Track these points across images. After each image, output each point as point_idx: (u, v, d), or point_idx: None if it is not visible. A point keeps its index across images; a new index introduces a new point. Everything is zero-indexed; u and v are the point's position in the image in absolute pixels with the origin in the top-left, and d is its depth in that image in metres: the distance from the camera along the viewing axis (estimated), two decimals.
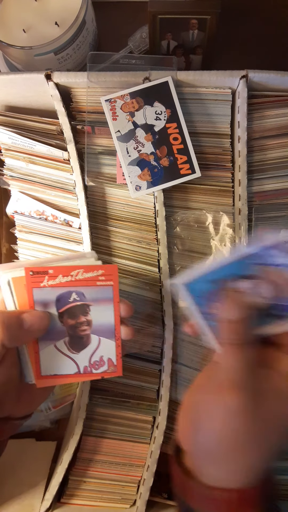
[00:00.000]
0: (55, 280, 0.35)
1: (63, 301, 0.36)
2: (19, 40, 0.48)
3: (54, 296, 0.35)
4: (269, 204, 0.47)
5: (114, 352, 0.37)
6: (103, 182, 0.48)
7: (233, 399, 0.27)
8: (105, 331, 0.37)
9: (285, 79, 0.44)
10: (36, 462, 0.53)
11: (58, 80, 0.45)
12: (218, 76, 0.44)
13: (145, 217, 0.48)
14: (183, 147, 0.45)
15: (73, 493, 0.50)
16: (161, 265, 0.48)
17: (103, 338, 0.37)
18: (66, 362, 0.37)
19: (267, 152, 0.47)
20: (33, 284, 0.35)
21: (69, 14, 0.47)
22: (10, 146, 0.47)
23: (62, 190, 0.48)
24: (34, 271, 0.34)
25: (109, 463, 0.49)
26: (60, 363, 0.37)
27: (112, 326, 0.37)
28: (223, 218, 0.48)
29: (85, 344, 0.37)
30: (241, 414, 0.27)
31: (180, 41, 0.52)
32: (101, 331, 0.37)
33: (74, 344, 0.37)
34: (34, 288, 0.35)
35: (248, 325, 0.30)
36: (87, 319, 0.36)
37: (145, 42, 0.55)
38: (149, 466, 0.48)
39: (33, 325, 0.35)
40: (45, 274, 0.35)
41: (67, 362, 0.37)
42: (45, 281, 0.35)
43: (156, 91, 0.45)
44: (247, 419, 0.27)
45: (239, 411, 0.27)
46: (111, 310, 0.36)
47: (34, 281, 0.35)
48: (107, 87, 0.46)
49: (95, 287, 0.36)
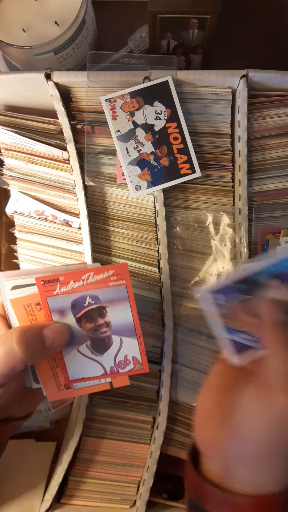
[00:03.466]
0: (67, 287, 0.35)
1: (78, 306, 0.36)
2: (19, 39, 0.48)
3: (69, 303, 0.35)
4: (269, 204, 0.47)
5: (138, 349, 0.37)
6: (103, 182, 0.48)
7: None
8: (125, 330, 0.37)
9: (285, 79, 0.44)
10: (36, 462, 0.53)
11: (57, 80, 0.45)
12: (218, 76, 0.44)
13: (145, 217, 0.48)
14: (183, 147, 0.45)
15: (73, 494, 0.50)
16: (161, 265, 0.48)
17: (124, 337, 0.37)
18: (92, 365, 0.37)
19: (268, 152, 0.47)
20: (46, 293, 0.35)
21: (69, 13, 0.47)
22: (9, 146, 0.47)
23: (62, 190, 0.48)
24: (45, 280, 0.34)
25: (109, 464, 0.49)
26: (86, 367, 0.37)
27: (132, 325, 0.37)
28: (223, 218, 0.48)
29: (107, 345, 0.37)
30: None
31: (180, 40, 0.52)
32: (122, 331, 0.37)
33: (96, 347, 0.37)
34: (48, 297, 0.35)
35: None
36: (105, 321, 0.36)
37: (145, 42, 0.55)
38: (149, 467, 0.47)
39: (55, 341, 0.34)
40: (57, 281, 0.35)
41: (92, 365, 0.37)
42: (58, 288, 0.35)
43: (156, 90, 0.45)
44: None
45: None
46: (128, 309, 0.36)
47: (47, 290, 0.34)
48: (107, 86, 0.46)
49: (108, 288, 0.36)
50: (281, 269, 0.30)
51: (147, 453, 0.49)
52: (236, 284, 0.31)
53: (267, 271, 0.31)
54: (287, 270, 0.30)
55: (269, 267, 0.30)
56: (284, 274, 0.30)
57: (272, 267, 0.30)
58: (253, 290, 0.31)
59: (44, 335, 0.34)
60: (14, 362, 0.32)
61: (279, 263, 0.30)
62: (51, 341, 0.34)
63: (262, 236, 0.47)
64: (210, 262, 0.49)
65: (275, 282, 0.31)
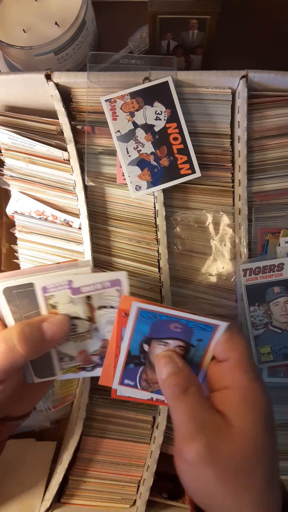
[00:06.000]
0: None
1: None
2: (19, 40, 0.48)
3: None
4: (269, 204, 0.47)
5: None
6: (103, 182, 0.48)
7: (188, 452, 0.27)
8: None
9: (285, 79, 0.44)
10: (36, 462, 0.53)
11: (58, 80, 0.45)
12: (218, 76, 0.44)
13: (145, 217, 0.48)
14: (183, 147, 0.45)
15: (73, 493, 0.50)
16: (161, 265, 0.48)
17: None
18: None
19: (267, 152, 0.47)
20: (123, 324, 0.34)
21: (69, 14, 0.47)
22: (10, 146, 0.47)
23: (62, 190, 0.48)
24: (125, 313, 0.33)
25: (109, 463, 0.49)
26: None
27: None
28: (223, 218, 0.48)
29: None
30: (200, 464, 0.27)
31: (180, 41, 0.52)
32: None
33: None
34: (123, 327, 0.34)
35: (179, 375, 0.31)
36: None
37: (145, 42, 0.55)
38: (149, 466, 0.48)
39: (55, 334, 0.34)
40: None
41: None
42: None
43: (156, 91, 0.45)
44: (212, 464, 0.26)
45: (198, 462, 0.27)
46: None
47: (124, 321, 0.34)
48: (107, 87, 0.46)
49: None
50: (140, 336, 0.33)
51: (147, 453, 0.49)
52: (127, 366, 0.34)
53: (133, 346, 0.33)
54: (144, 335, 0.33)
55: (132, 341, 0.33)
56: (145, 340, 0.33)
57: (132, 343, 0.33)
58: (140, 360, 0.34)
59: (44, 329, 0.34)
60: (15, 358, 0.33)
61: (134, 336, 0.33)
62: (51, 334, 0.34)
63: (261, 236, 0.47)
64: (210, 262, 0.49)
65: (146, 346, 0.33)
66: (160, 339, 0.33)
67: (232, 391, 0.29)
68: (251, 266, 0.46)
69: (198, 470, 0.27)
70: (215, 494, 0.27)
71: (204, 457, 0.27)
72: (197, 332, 0.32)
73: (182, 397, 0.29)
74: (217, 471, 0.26)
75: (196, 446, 0.27)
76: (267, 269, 0.45)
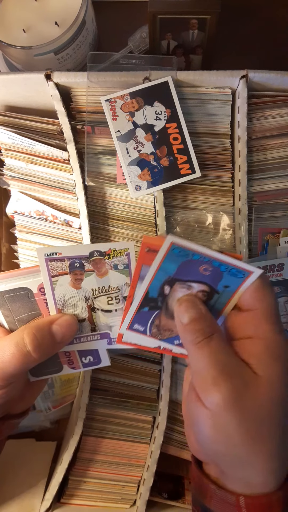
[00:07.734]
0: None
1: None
2: (19, 40, 0.48)
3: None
4: (269, 204, 0.47)
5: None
6: (103, 182, 0.48)
7: (212, 396, 0.26)
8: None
9: (285, 79, 0.44)
10: (36, 462, 0.53)
11: (58, 80, 0.45)
12: (218, 76, 0.44)
13: (145, 217, 0.48)
14: (183, 147, 0.45)
15: (73, 493, 0.50)
16: None
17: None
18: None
19: (267, 152, 0.47)
20: (145, 261, 0.31)
21: (69, 14, 0.47)
22: (10, 146, 0.47)
23: (62, 190, 0.48)
24: (150, 248, 0.30)
25: (109, 463, 0.49)
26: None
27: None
28: (223, 218, 0.48)
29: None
30: (224, 409, 0.26)
31: (180, 41, 0.52)
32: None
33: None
34: (144, 265, 0.31)
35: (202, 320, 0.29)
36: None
37: (145, 42, 0.55)
38: (149, 466, 0.48)
39: (65, 336, 0.35)
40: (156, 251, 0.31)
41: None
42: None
43: (156, 91, 0.45)
44: (236, 411, 0.26)
45: (222, 406, 0.26)
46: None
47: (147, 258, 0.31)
48: (107, 87, 0.46)
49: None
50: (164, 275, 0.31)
51: (147, 453, 0.49)
52: (141, 309, 0.32)
53: (154, 287, 0.31)
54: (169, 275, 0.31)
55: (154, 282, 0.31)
56: (169, 281, 0.31)
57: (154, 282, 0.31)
58: (156, 304, 0.32)
59: (54, 332, 0.35)
60: (28, 362, 0.34)
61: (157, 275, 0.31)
62: (61, 336, 0.35)
63: (262, 236, 0.47)
64: None
65: (168, 288, 0.31)
66: (184, 282, 0.31)
67: (257, 341, 0.28)
68: None
69: (220, 415, 0.26)
70: (232, 442, 0.26)
71: (229, 402, 0.26)
72: (226, 278, 0.30)
73: (205, 341, 0.28)
74: (242, 417, 0.26)
75: (221, 390, 0.26)
76: (267, 269, 0.45)
